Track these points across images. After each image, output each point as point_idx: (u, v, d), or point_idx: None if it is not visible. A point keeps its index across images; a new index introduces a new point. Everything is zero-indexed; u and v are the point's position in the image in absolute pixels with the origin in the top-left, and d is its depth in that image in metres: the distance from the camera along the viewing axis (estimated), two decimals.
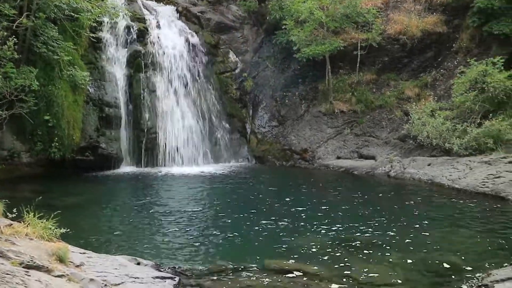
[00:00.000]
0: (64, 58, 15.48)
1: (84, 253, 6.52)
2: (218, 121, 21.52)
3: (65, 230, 6.46)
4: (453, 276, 6.79)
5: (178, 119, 19.99)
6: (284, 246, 8.49)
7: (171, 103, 20.05)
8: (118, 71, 19.55)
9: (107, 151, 18.07)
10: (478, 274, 6.62)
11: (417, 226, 9.94)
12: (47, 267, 5.32)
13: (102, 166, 17.85)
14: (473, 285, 6.21)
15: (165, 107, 19.83)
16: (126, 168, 18.71)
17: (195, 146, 20.10)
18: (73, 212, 11.09)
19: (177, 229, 9.81)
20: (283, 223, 10.24)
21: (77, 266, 5.91)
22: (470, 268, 7.04)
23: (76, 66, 16.29)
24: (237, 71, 22.96)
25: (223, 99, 22.14)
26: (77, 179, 16.30)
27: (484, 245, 8.49)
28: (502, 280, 6.04)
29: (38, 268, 5.21)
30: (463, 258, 7.68)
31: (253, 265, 7.04)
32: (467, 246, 8.52)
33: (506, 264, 6.97)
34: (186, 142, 19.89)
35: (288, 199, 13.12)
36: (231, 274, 6.66)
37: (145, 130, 19.29)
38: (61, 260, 5.72)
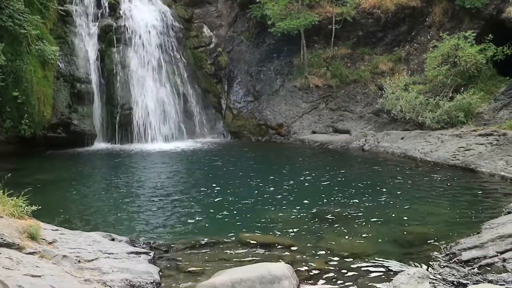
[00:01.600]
0: (32, 32, 15.02)
1: (56, 230, 6.45)
2: (192, 97, 21.31)
3: (36, 207, 6.35)
4: (423, 246, 6.97)
5: (152, 95, 19.72)
6: (259, 220, 8.55)
7: (145, 78, 19.75)
8: (89, 46, 19.12)
9: (80, 128, 17.78)
10: (447, 243, 6.80)
11: (389, 198, 10.14)
12: (18, 244, 5.25)
13: (75, 143, 17.58)
14: (442, 253, 6.38)
15: (138, 83, 19.53)
16: (100, 145, 18.49)
17: (169, 122, 19.93)
18: (45, 190, 10.93)
19: (152, 205, 9.77)
20: (258, 197, 10.32)
21: (50, 243, 5.85)
22: (439, 238, 7.21)
23: (44, 41, 15.85)
24: (211, 46, 22.69)
25: (197, 74, 21.91)
26: (49, 156, 16.05)
27: (453, 215, 8.72)
28: (469, 248, 6.24)
29: (8, 245, 5.14)
30: (433, 228, 7.88)
31: (228, 239, 7.09)
32: (437, 217, 8.74)
33: (473, 233, 7.18)
34: (160, 118, 19.70)
35: (263, 174, 13.19)
36: (206, 248, 6.70)
37: (119, 106, 19.00)
38: (32, 237, 5.65)
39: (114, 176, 13.18)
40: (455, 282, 5.19)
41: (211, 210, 9.40)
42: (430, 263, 6.01)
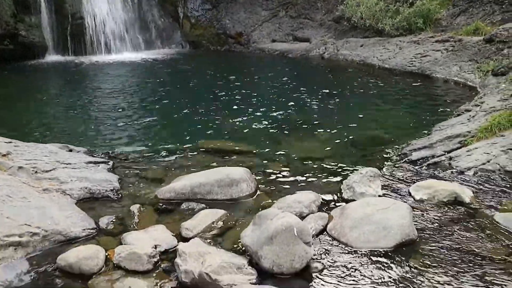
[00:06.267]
0: None
1: (10, 142, 6.28)
2: (147, 5, 20.34)
3: None
4: (377, 148, 7.23)
5: (105, 3, 18.68)
6: (218, 129, 8.62)
7: None
8: None
9: (29, 39, 16.88)
10: (399, 145, 7.08)
11: (347, 105, 10.36)
12: None
13: (25, 55, 16.78)
14: (394, 154, 6.66)
15: None
16: (52, 57, 17.72)
17: (125, 32, 19.11)
18: None
19: (109, 117, 9.63)
20: (218, 107, 10.32)
21: (4, 155, 5.72)
22: (393, 141, 7.50)
23: None
24: None
25: None
26: None
27: (407, 119, 9.03)
28: (419, 149, 6.54)
29: None
30: (387, 132, 8.17)
31: (187, 147, 7.13)
32: (391, 121, 9.05)
33: (424, 134, 7.49)
34: (115, 28, 18.83)
35: (223, 83, 13.08)
36: (165, 156, 6.74)
37: (69, 16, 17.99)
38: None
39: (67, 88, 12.79)
40: (404, 179, 5.47)
41: (171, 120, 9.37)
42: (383, 163, 6.28)
